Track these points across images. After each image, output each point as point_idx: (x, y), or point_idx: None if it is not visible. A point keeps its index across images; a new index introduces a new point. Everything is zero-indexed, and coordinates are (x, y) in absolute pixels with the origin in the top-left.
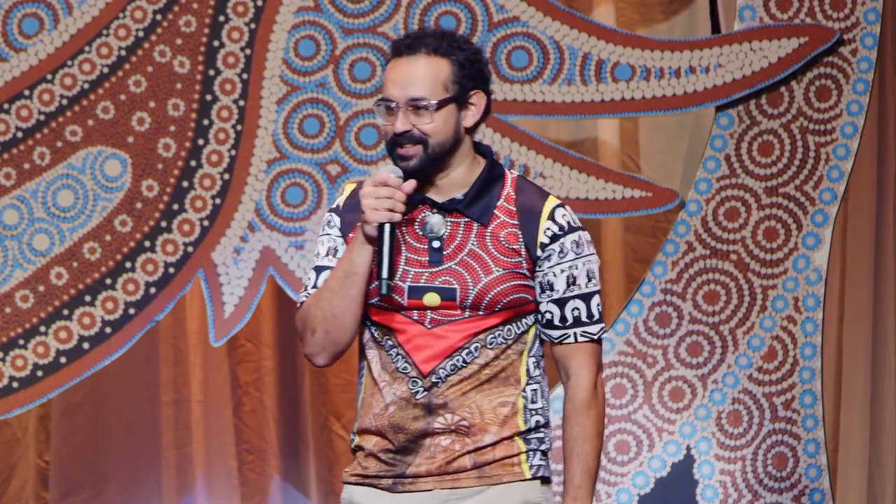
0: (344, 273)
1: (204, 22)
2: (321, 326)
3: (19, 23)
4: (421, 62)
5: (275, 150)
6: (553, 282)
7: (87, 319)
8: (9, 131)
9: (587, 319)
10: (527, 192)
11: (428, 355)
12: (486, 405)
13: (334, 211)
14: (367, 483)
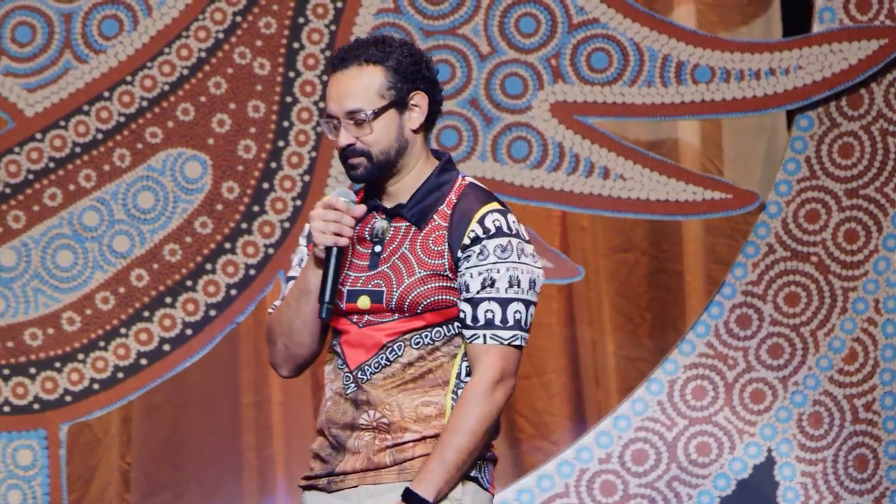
0: (299, 291)
1: (284, 24)
2: (280, 340)
3: (99, 24)
4: (353, 73)
5: None
6: (469, 283)
7: (167, 321)
8: (89, 133)
9: (500, 323)
10: (468, 198)
11: (357, 352)
12: (407, 404)
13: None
14: (312, 485)
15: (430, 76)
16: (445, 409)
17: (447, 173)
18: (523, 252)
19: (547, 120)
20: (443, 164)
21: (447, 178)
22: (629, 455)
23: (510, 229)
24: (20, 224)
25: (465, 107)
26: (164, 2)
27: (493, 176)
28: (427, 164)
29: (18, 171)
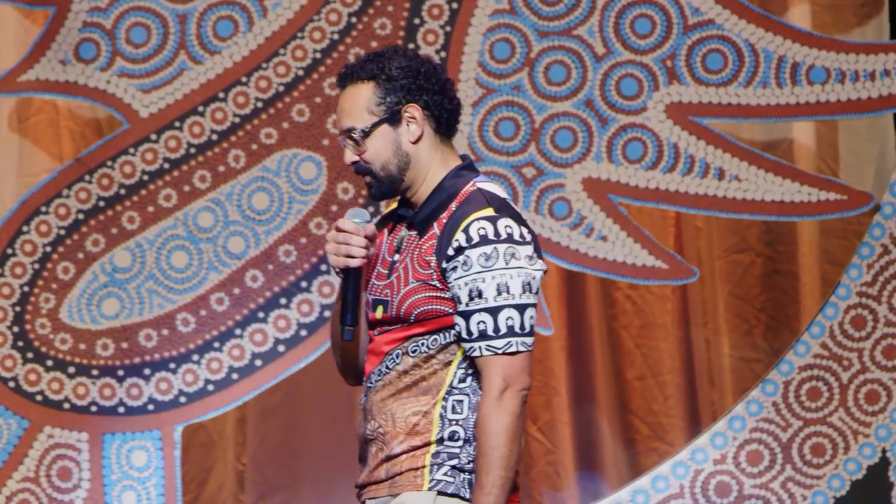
0: (335, 308)
1: (399, 24)
2: (336, 353)
3: (214, 25)
4: (349, 92)
5: (470, 153)
6: (458, 295)
7: (282, 322)
8: (203, 134)
9: (493, 333)
10: (465, 206)
11: (372, 361)
12: (399, 413)
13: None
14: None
15: (428, 86)
16: (433, 417)
17: (458, 179)
18: (513, 256)
19: (662, 121)
20: (454, 171)
21: (456, 185)
22: (744, 456)
23: (497, 235)
24: (135, 225)
25: (581, 108)
26: (280, 3)
27: (608, 177)
28: (441, 171)
29: (133, 171)
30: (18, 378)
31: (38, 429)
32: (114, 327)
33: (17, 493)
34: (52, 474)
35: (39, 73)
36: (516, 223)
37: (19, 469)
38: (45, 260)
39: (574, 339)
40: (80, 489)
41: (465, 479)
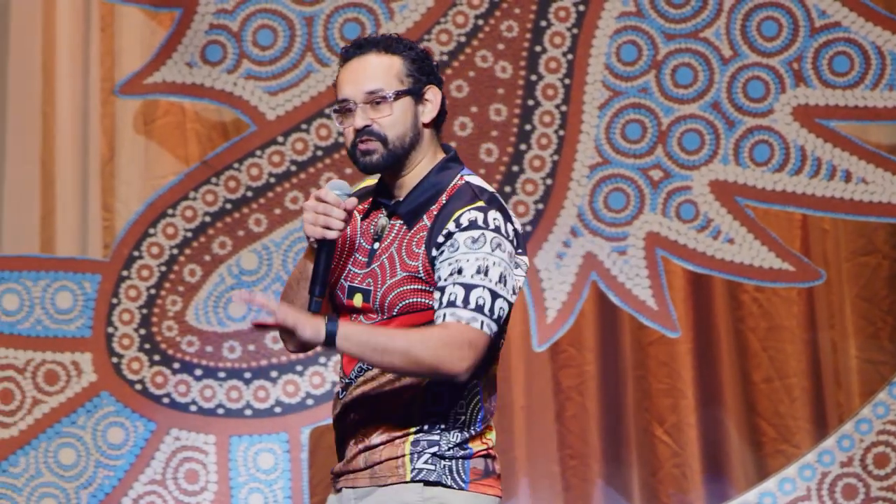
0: (299, 274)
1: (526, 27)
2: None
3: (340, 28)
4: (373, 58)
5: (597, 155)
6: (441, 273)
7: None
8: (330, 136)
9: (461, 304)
10: (457, 198)
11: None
12: (381, 406)
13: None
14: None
15: (440, 77)
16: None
17: (446, 171)
18: (498, 246)
19: (789, 123)
20: (443, 163)
21: (445, 178)
22: (871, 458)
23: (486, 223)
24: (262, 227)
25: (708, 110)
26: (406, 5)
27: (734, 179)
28: (431, 162)
29: (260, 174)
30: (145, 380)
31: (164, 431)
32: (241, 330)
33: (144, 496)
34: (179, 476)
35: (166, 76)
36: (504, 217)
37: (146, 471)
38: (171, 262)
39: (701, 341)
40: (206, 491)
41: (445, 466)
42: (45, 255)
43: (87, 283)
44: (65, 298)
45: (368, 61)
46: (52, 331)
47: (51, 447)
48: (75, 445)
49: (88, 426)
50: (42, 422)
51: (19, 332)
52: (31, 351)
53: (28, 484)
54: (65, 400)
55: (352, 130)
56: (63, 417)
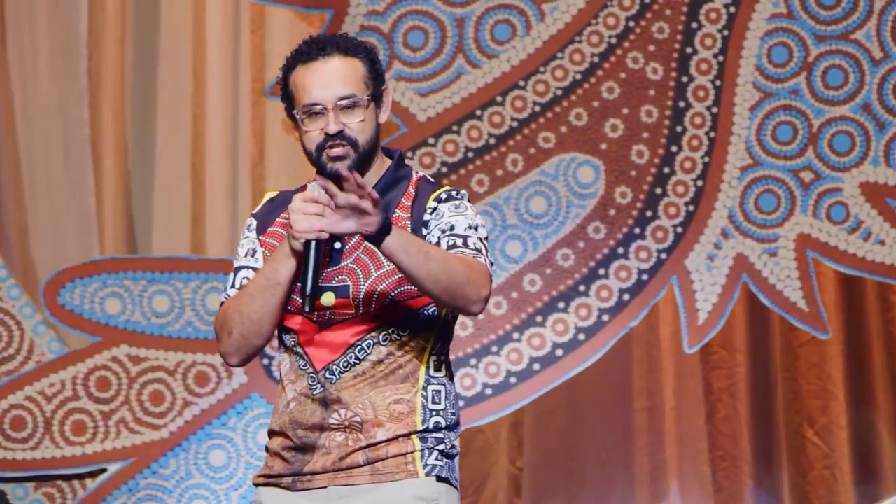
0: (266, 281)
1: (677, 28)
2: (238, 329)
3: (491, 29)
4: (338, 62)
5: (748, 157)
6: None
7: (560, 326)
8: (481, 138)
9: (462, 246)
10: (425, 189)
11: (321, 352)
12: (379, 402)
13: (253, 216)
14: (272, 483)
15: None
16: (416, 407)
17: (403, 169)
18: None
19: None
20: (398, 161)
21: (404, 174)
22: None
23: (461, 196)
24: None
25: (858, 112)
26: (557, 7)
27: (885, 181)
28: (383, 162)
29: None
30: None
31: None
32: None
33: None
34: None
35: None
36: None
37: None
38: None
39: (851, 343)
40: None
41: (450, 465)
42: (196, 256)
43: None
44: (215, 300)
45: (335, 65)
46: (203, 332)
47: (201, 449)
48: (225, 447)
49: (239, 428)
50: (192, 423)
51: (170, 333)
52: (182, 352)
53: (178, 485)
54: (215, 402)
55: (319, 133)
56: (213, 419)
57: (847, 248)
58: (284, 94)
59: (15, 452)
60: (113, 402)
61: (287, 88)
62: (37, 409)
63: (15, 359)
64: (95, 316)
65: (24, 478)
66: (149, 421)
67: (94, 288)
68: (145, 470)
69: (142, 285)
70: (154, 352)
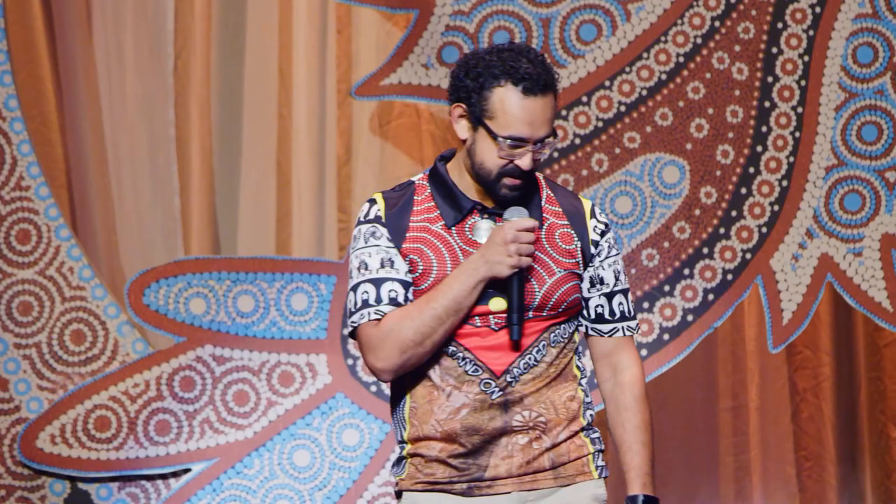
0: (457, 305)
1: (762, 28)
2: (413, 351)
3: (577, 29)
4: (548, 102)
5: (833, 157)
6: (603, 276)
7: (645, 326)
8: (567, 137)
9: (629, 314)
10: (561, 192)
11: (499, 356)
12: (557, 400)
13: (377, 222)
14: (438, 489)
15: None
16: (580, 402)
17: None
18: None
19: None
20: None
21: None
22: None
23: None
24: None
25: None
26: (643, 7)
27: None
28: None
29: None
30: (380, 382)
31: None
32: None
33: (379, 497)
34: None
35: (402, 77)
36: None
37: (381, 473)
38: None
39: None
40: None
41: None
42: (281, 256)
43: (322, 284)
44: (300, 300)
45: (546, 105)
46: (288, 332)
47: (285, 449)
48: (310, 447)
49: (323, 428)
50: (277, 423)
51: (254, 333)
52: (266, 353)
53: (262, 486)
54: (299, 402)
55: (510, 163)
56: (298, 419)
57: None
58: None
59: (99, 452)
60: (197, 402)
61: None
62: (121, 409)
63: (99, 359)
64: (180, 316)
65: (108, 478)
66: (233, 421)
67: (178, 288)
68: (229, 470)
69: (226, 285)
70: (238, 352)
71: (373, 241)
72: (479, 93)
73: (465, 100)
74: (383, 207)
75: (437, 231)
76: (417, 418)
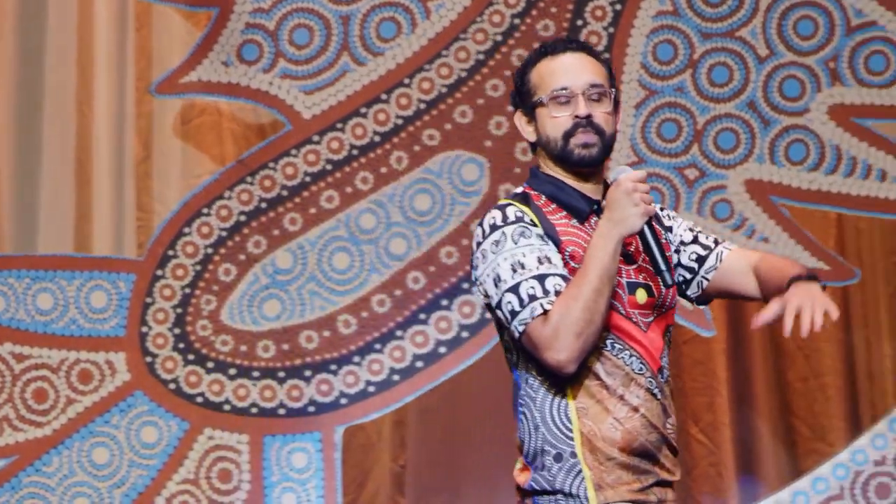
0: (607, 273)
1: (562, 26)
2: (586, 329)
3: (377, 27)
4: (586, 57)
5: (633, 154)
6: (682, 236)
7: (443, 324)
8: (366, 135)
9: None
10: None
11: (653, 354)
12: (674, 403)
13: (524, 223)
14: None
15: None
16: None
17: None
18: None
19: (824, 122)
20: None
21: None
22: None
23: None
24: (297, 227)
25: (743, 109)
26: (443, 4)
27: (770, 178)
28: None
29: (295, 173)
30: (179, 380)
31: (198, 430)
32: (275, 329)
33: (178, 495)
34: (212, 476)
35: (202, 75)
36: None
37: (179, 471)
38: (206, 262)
39: (735, 340)
40: (240, 491)
41: None
42: (80, 254)
43: (121, 282)
44: (99, 298)
45: (586, 58)
46: (87, 330)
47: (84, 446)
48: (109, 445)
49: (122, 425)
50: (76, 421)
51: (53, 331)
52: (66, 350)
53: (61, 483)
54: (98, 399)
55: (568, 119)
56: (97, 417)
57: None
58: (520, 91)
59: None
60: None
61: (525, 85)
62: None
63: None
64: None
65: None
66: (32, 419)
67: None
68: (28, 468)
69: (25, 283)
70: (38, 349)
71: (523, 240)
72: (523, 84)
73: (517, 102)
74: (523, 209)
75: (576, 226)
76: (589, 418)
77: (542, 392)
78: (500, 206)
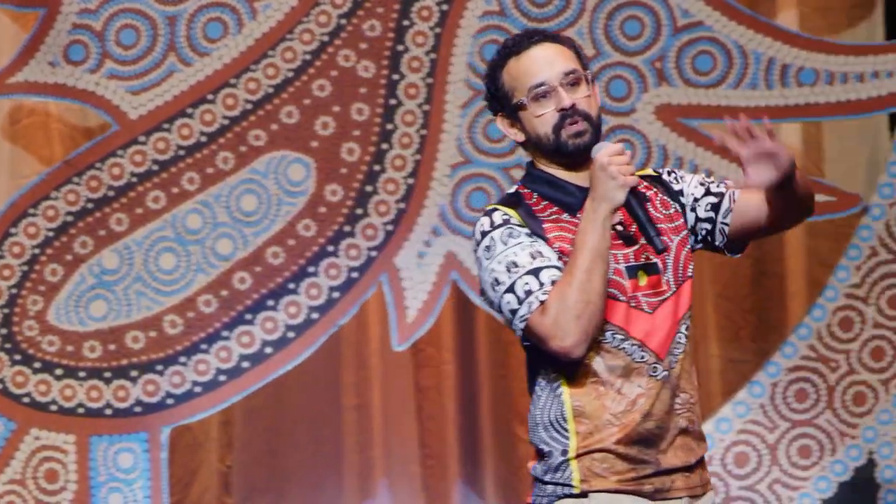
0: (597, 253)
1: (388, 26)
2: (585, 310)
3: (203, 27)
4: (550, 46)
5: (459, 155)
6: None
7: (269, 324)
8: (192, 136)
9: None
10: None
11: (659, 339)
12: (694, 377)
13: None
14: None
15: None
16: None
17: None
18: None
19: (651, 122)
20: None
21: None
22: (731, 458)
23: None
24: (123, 227)
25: None
26: (269, 5)
27: None
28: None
29: (122, 173)
30: (5, 380)
31: (24, 431)
32: (101, 329)
33: (4, 496)
34: (39, 476)
35: (28, 76)
36: None
37: (6, 471)
38: (32, 262)
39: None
40: (66, 491)
41: None
42: None
43: None
44: None
45: (552, 47)
46: None
47: None
48: None
49: None
50: None
51: None
52: None
53: None
54: None
55: (552, 114)
56: None
57: None
58: (495, 96)
59: None
60: None
61: (500, 89)
62: None
63: None
64: None
65: None
66: None
67: None
68: None
69: None
70: None
71: (512, 241)
72: (497, 89)
73: (495, 108)
74: (509, 211)
75: (568, 220)
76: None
77: (545, 392)
78: (488, 211)
